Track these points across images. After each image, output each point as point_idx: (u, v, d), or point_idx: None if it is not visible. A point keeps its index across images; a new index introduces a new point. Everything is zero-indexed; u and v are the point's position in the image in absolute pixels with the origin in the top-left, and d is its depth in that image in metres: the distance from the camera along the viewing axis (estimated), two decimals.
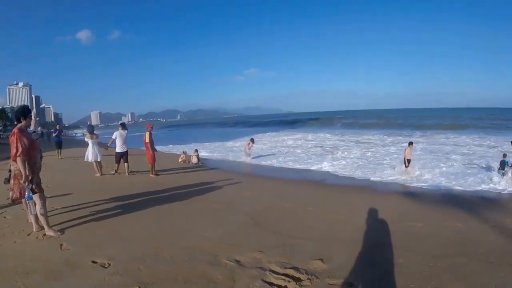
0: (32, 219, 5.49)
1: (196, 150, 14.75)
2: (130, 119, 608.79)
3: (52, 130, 30.55)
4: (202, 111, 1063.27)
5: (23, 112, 5.10)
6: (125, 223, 6.12)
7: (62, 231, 5.50)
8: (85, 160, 11.44)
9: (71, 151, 20.95)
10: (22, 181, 4.87)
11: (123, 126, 11.89)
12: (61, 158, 17.60)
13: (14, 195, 5.10)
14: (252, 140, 15.19)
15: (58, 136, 18.74)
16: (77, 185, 9.81)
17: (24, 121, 5.06)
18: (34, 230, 5.48)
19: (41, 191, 5.21)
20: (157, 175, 11.29)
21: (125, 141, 11.38)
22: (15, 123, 5.18)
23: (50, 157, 16.81)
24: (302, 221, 6.33)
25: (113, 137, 11.32)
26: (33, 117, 5.49)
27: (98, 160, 11.29)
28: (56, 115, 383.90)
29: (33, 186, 5.04)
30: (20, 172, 4.86)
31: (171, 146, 27.43)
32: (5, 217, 6.61)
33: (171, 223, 6.18)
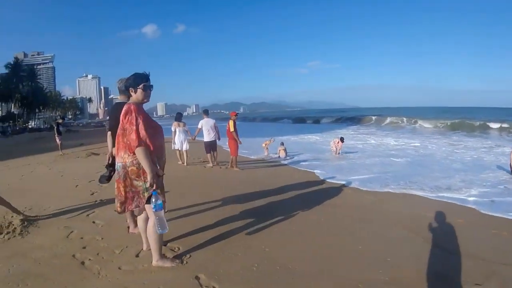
0: (142, 235, 3.82)
1: (283, 144, 13.26)
2: (194, 111, 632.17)
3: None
4: (265, 104, 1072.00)
5: (136, 80, 3.34)
6: (264, 239, 4.31)
7: (179, 257, 3.73)
8: (173, 149, 10.77)
9: None
10: (145, 184, 3.26)
11: (206, 113, 11.25)
12: None
13: (123, 206, 3.40)
14: (342, 139, 13.50)
15: None
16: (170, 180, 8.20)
17: (138, 93, 3.33)
18: (144, 248, 3.89)
19: (163, 200, 3.39)
20: (240, 169, 10.04)
21: (212, 129, 10.54)
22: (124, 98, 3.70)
23: None
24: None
25: (198, 126, 10.67)
26: (101, 107, 3.63)
27: (184, 149, 10.74)
28: None
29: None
30: (138, 169, 3.25)
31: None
32: (93, 222, 5.11)
33: (322, 240, 4.36)
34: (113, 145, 3.82)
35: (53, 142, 17.56)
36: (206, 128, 10.52)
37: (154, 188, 3.16)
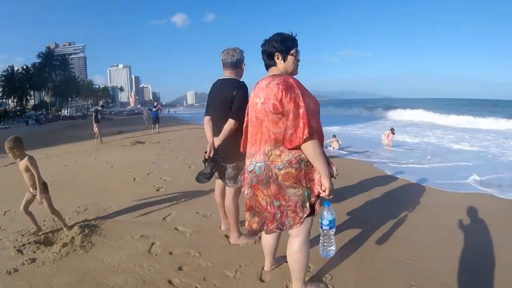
0: (266, 252, 2.82)
1: (335, 135, 12.26)
2: None
3: (151, 107, 32.31)
4: None
5: (286, 43, 2.31)
6: (395, 249, 3.38)
7: (318, 281, 2.66)
8: None
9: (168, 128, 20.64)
10: (306, 191, 2.24)
11: None
12: (158, 132, 18.23)
13: (261, 223, 2.41)
14: (392, 131, 12.66)
15: (156, 112, 19.83)
16: None
17: (289, 61, 2.33)
18: (267, 268, 2.88)
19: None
20: None
21: None
22: (277, 60, 2.32)
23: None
24: None
25: None
26: (132, 95, 2.30)
27: None
28: (154, 94, 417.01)
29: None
30: (298, 171, 2.22)
31: None
32: (176, 229, 3.89)
33: (458, 250, 3.35)
34: (216, 133, 3.24)
35: (88, 129, 16.87)
36: None
37: (329, 196, 2.15)
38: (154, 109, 20.11)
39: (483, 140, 14.59)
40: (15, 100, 74.32)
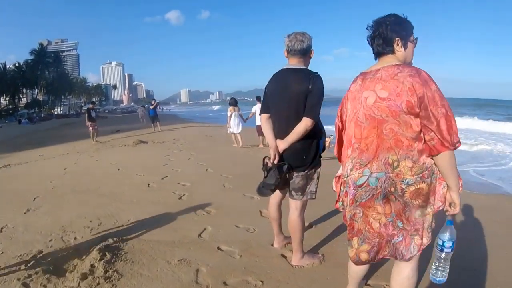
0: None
1: None
2: (218, 97, 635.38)
3: (147, 105, 32.25)
4: None
5: (406, 27, 1.85)
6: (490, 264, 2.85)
7: None
8: (229, 132, 11.58)
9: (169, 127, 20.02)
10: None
11: (259, 99, 11.05)
12: (160, 131, 17.72)
13: (372, 253, 1.89)
14: None
15: (154, 109, 19.33)
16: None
17: (409, 49, 1.87)
18: None
19: None
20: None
21: None
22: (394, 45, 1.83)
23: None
24: None
25: (253, 110, 11.08)
26: (125, 93, 1.52)
27: (239, 132, 11.33)
28: (147, 92, 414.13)
29: None
30: (429, 187, 1.75)
31: None
32: (220, 249, 3.18)
33: None
34: (279, 134, 2.67)
35: (83, 128, 16.17)
36: None
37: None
38: (151, 107, 19.61)
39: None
40: (7, 99, 72.86)
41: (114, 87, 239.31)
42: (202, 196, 4.85)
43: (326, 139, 12.10)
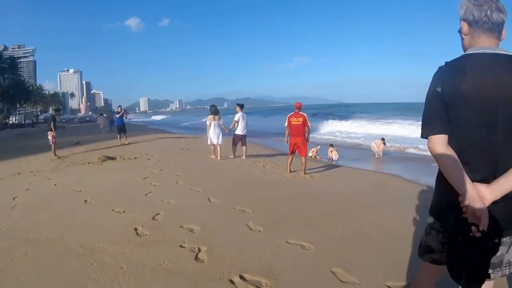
0: None
1: (333, 145, 11.97)
2: (177, 106, 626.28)
3: (106, 114, 29.47)
4: (250, 100, 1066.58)
5: None
6: None
7: None
8: (209, 143, 10.62)
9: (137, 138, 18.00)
10: None
11: (242, 107, 10.82)
12: (127, 143, 15.62)
13: None
14: (383, 141, 12.23)
15: (120, 118, 16.37)
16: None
17: None
18: None
19: None
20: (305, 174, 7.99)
21: (246, 124, 10.70)
22: None
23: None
24: None
25: (236, 119, 10.51)
26: (83, 102, 0.25)
27: (220, 143, 10.45)
28: (106, 100, 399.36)
29: None
30: None
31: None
32: None
33: None
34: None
35: (40, 139, 13.82)
36: (244, 122, 10.50)
37: None
38: (117, 116, 16.58)
39: None
40: None
41: (72, 95, 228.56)
42: (230, 251, 3.20)
43: (314, 148, 11.05)
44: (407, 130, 19.21)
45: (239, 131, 10.44)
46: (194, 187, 6.02)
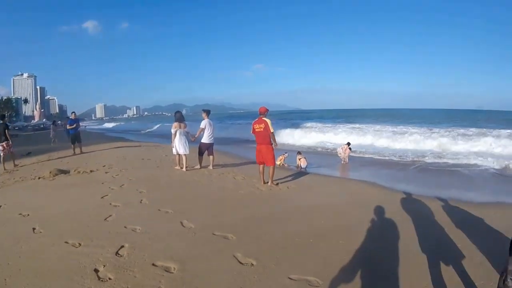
0: None
1: (300, 152, 11.60)
2: (135, 113, 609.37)
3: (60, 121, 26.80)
4: (209, 106, 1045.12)
5: None
6: None
7: None
8: (175, 153, 9.91)
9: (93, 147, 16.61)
10: None
11: (208, 113, 10.23)
12: (81, 153, 14.47)
13: None
14: (349, 146, 12.33)
15: (75, 128, 14.85)
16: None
17: None
18: None
19: None
20: (277, 184, 7.58)
21: (213, 131, 10.15)
22: None
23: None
24: None
25: (202, 126, 9.84)
26: (37, 108, 0.27)
27: (187, 153, 9.76)
28: (60, 107, 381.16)
29: None
30: None
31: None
32: None
33: None
34: None
35: None
36: (211, 129, 9.95)
37: None
38: (69, 127, 15.08)
39: None
40: None
41: (26, 101, 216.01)
42: None
43: (282, 156, 10.83)
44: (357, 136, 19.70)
45: (206, 139, 9.84)
46: (161, 207, 5.22)
